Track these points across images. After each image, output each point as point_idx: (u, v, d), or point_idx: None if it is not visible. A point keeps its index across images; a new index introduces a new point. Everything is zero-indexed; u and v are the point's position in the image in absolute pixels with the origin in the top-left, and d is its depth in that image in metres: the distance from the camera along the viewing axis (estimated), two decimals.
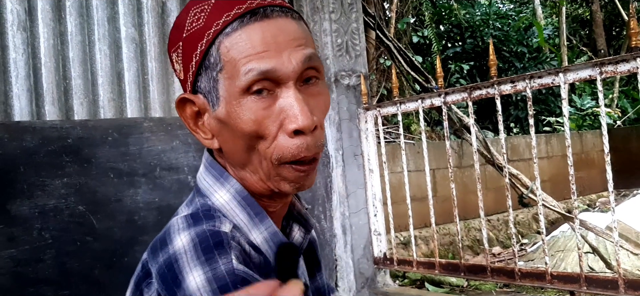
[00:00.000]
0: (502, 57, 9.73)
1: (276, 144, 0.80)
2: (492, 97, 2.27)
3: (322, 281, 1.07)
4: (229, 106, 0.80)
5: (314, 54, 0.82)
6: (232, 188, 0.85)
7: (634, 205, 4.90)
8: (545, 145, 6.90)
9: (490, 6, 10.95)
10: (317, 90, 0.83)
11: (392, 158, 4.82)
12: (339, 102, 2.68)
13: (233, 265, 0.72)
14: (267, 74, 0.78)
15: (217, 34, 0.80)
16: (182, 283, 0.72)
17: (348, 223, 2.62)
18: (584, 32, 14.19)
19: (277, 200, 0.88)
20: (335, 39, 2.69)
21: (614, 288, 1.90)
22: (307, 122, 0.78)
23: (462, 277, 2.46)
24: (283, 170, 0.81)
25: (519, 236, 5.73)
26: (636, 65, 1.85)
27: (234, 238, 0.77)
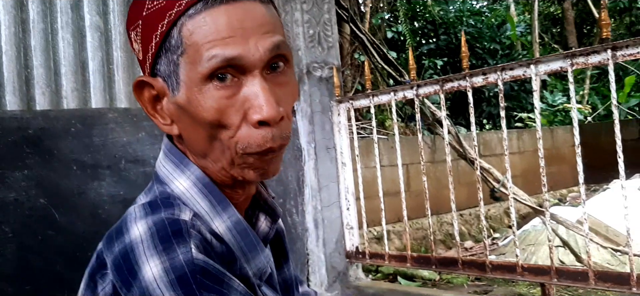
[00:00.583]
0: (475, 53, 9.81)
1: (239, 134, 0.76)
2: (465, 92, 2.25)
3: (290, 272, 1.04)
4: (189, 92, 0.76)
5: (282, 42, 0.78)
6: (192, 175, 0.81)
7: (603, 200, 4.98)
8: (516, 140, 6.97)
9: (464, 3, 11.04)
10: (285, 79, 0.80)
11: (366, 153, 4.81)
12: (311, 94, 2.64)
13: (192, 255, 0.69)
14: (231, 61, 0.74)
15: (179, 14, 0.75)
16: (138, 274, 0.68)
17: (320, 217, 2.59)
18: (556, 30, 14.41)
19: (240, 190, 0.84)
20: (307, 29, 2.65)
21: (584, 280, 1.90)
22: (273, 113, 0.74)
23: (434, 270, 2.45)
24: (246, 160, 0.78)
25: (491, 230, 5.78)
26: (607, 57, 1.85)
27: (194, 226, 0.74)
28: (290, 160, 2.58)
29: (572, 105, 1.98)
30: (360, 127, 6.05)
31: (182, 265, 0.68)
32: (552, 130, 7.88)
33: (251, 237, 0.83)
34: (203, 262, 0.69)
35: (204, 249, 0.71)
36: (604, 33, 1.89)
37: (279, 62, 0.78)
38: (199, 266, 0.68)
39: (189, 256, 0.68)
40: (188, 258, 0.68)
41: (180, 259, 0.68)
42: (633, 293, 1.81)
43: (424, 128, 5.35)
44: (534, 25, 10.45)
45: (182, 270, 0.67)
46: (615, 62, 1.85)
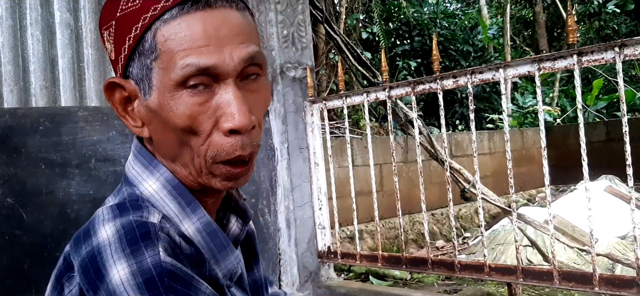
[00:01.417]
0: (448, 55, 9.93)
1: (210, 142, 0.76)
2: (437, 92, 2.28)
3: (260, 273, 1.04)
4: (161, 97, 0.76)
5: (257, 52, 0.78)
6: (161, 177, 0.81)
7: (571, 200, 5.10)
8: (488, 141, 7.08)
9: (437, 5, 11.16)
10: (258, 87, 0.80)
11: (340, 153, 4.83)
12: (285, 94, 2.65)
13: (160, 258, 0.69)
14: (206, 70, 0.74)
15: (154, 19, 0.75)
16: (105, 277, 0.68)
17: (292, 216, 2.60)
18: (527, 33, 14.66)
19: (210, 194, 0.85)
20: (281, 30, 2.66)
21: (549, 280, 1.95)
22: (245, 122, 0.75)
23: (404, 270, 2.48)
24: (216, 168, 0.78)
25: (462, 230, 5.86)
26: (573, 62, 1.90)
27: (162, 229, 0.73)
28: (263, 159, 2.58)
29: (539, 108, 2.02)
30: (335, 126, 6.08)
31: (150, 268, 0.68)
32: (522, 132, 8.02)
33: (221, 239, 0.83)
34: (171, 265, 0.69)
35: (173, 252, 0.71)
36: (570, 38, 1.93)
37: (253, 70, 0.79)
38: (167, 270, 0.68)
39: (156, 259, 0.68)
40: (156, 261, 0.68)
41: (147, 262, 0.68)
42: (596, 292, 1.86)
43: (397, 128, 5.40)
44: (505, 28, 10.62)
45: (149, 273, 0.67)
46: (584, 66, 1.90)
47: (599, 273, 1.86)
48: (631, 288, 1.79)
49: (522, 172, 7.17)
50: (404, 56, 9.75)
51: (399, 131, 5.57)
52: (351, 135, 5.73)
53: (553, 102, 9.91)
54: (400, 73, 9.35)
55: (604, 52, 1.84)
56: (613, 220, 4.40)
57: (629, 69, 12.45)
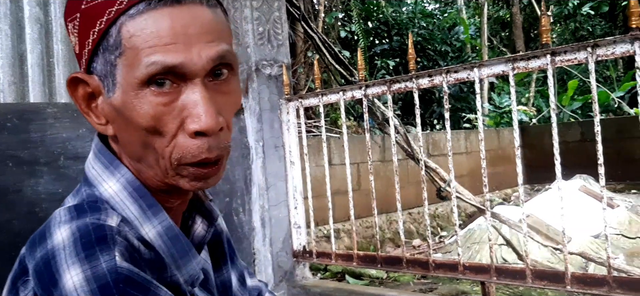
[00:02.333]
0: (427, 55, 9.99)
1: (175, 143, 0.74)
2: (413, 91, 2.28)
3: (229, 274, 1.02)
4: (125, 95, 0.73)
5: (227, 51, 0.76)
6: (122, 178, 0.78)
7: (545, 200, 5.16)
8: (464, 140, 7.13)
9: (416, 5, 11.22)
10: (228, 87, 0.77)
11: (317, 152, 4.82)
12: (260, 92, 2.63)
13: (116, 263, 0.67)
14: (172, 69, 0.71)
15: (119, 13, 0.72)
16: (59, 282, 0.66)
17: (267, 216, 2.58)
18: (505, 34, 14.82)
19: (176, 196, 0.82)
20: (256, 27, 2.63)
21: (522, 278, 1.96)
22: (211, 124, 0.72)
23: (379, 269, 2.47)
24: (183, 169, 0.75)
25: (439, 228, 5.89)
26: (546, 62, 1.91)
27: (120, 232, 0.71)
28: (237, 158, 2.55)
29: (513, 108, 2.03)
30: (313, 125, 6.06)
31: (105, 273, 0.65)
32: (499, 131, 8.10)
33: (183, 243, 0.80)
34: (127, 270, 0.67)
35: (130, 256, 0.69)
36: (544, 38, 1.94)
37: (223, 69, 0.76)
38: (123, 275, 0.66)
39: (112, 264, 0.66)
40: (111, 266, 0.66)
41: (102, 267, 0.66)
42: (568, 290, 1.87)
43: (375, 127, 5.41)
44: (483, 28, 10.72)
45: (104, 279, 0.65)
46: (559, 67, 1.91)
47: (572, 271, 1.87)
48: (602, 287, 1.81)
49: (498, 171, 7.24)
50: (383, 55, 9.78)
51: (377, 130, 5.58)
52: (329, 134, 5.72)
53: (529, 102, 10.03)
54: (379, 72, 9.37)
55: (577, 52, 1.86)
56: (587, 219, 4.47)
57: (603, 70, 12.66)
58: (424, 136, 6.48)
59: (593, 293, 1.85)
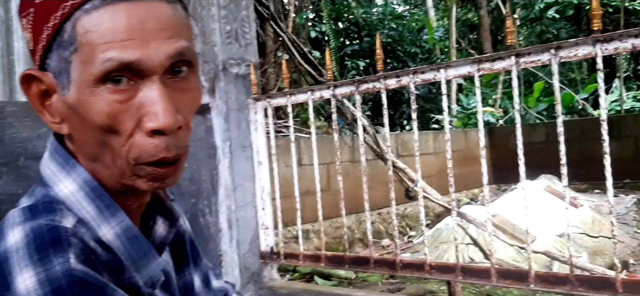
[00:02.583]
0: (396, 56, 10.07)
1: (132, 142, 0.71)
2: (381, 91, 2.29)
3: (191, 276, 1.00)
4: (80, 93, 0.71)
5: (187, 48, 0.73)
6: (79, 178, 0.76)
7: (511, 199, 5.23)
8: (433, 141, 7.20)
9: (386, 6, 11.30)
10: (187, 85, 0.75)
11: (286, 152, 4.79)
12: (227, 91, 2.59)
13: (70, 265, 0.64)
14: (129, 66, 0.69)
15: (74, 8, 0.69)
16: (11, 286, 0.63)
17: (234, 217, 2.55)
18: (473, 36, 15.02)
19: (133, 198, 0.80)
20: (223, 25, 2.60)
21: (486, 277, 1.98)
22: (169, 122, 0.70)
23: (347, 269, 2.47)
24: (140, 169, 0.73)
25: (407, 228, 5.94)
26: (511, 63, 1.94)
27: (75, 234, 0.69)
28: (204, 158, 2.52)
29: (478, 109, 2.05)
30: (283, 125, 6.04)
31: (59, 276, 0.63)
32: (466, 132, 8.20)
33: (142, 244, 0.78)
34: (82, 273, 0.65)
35: (86, 258, 0.67)
36: (509, 40, 1.97)
37: (182, 66, 0.74)
38: (78, 278, 0.64)
39: (66, 266, 0.64)
40: (66, 268, 0.64)
41: (56, 270, 0.64)
42: (531, 289, 1.90)
43: (345, 128, 5.41)
44: (451, 31, 10.85)
45: (58, 282, 0.63)
46: (525, 69, 1.94)
47: (535, 270, 1.90)
48: (565, 285, 1.83)
49: (466, 171, 7.33)
50: (353, 56, 9.81)
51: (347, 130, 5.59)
52: (298, 134, 5.71)
53: (496, 103, 10.19)
54: (350, 73, 9.40)
55: (541, 54, 1.88)
56: (552, 219, 4.55)
57: (568, 73, 12.94)
58: (393, 136, 6.52)
59: (556, 291, 1.89)
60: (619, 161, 7.29)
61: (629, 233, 5.25)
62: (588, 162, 6.34)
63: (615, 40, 1.74)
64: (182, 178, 2.21)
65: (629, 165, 7.12)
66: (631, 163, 7.12)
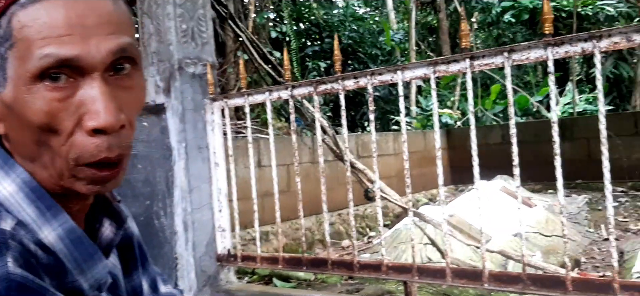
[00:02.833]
0: (357, 58, 10.13)
1: (72, 142, 0.69)
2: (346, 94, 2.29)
3: (139, 279, 0.97)
4: (17, 91, 0.68)
5: (129, 44, 0.71)
6: (18, 178, 0.72)
7: (469, 199, 5.32)
8: (393, 142, 7.26)
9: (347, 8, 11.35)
10: (130, 82, 0.73)
11: (246, 153, 4.75)
12: (183, 91, 2.55)
13: (8, 269, 0.62)
14: (67, 62, 0.66)
15: (10, 3, 0.67)
16: None
17: (190, 219, 2.50)
18: (432, 39, 15.24)
19: (74, 201, 0.77)
20: (179, 24, 2.55)
21: (442, 277, 2.00)
22: (111, 121, 0.68)
23: (305, 271, 2.46)
24: (80, 171, 0.70)
25: (368, 229, 5.97)
26: (465, 66, 1.96)
27: (14, 236, 0.66)
28: (159, 160, 2.46)
29: (434, 111, 2.07)
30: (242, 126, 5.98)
31: None
32: (425, 133, 8.30)
33: (87, 246, 0.76)
34: (20, 277, 0.62)
35: (25, 262, 0.65)
36: (463, 43, 1.99)
37: (125, 63, 0.72)
38: (16, 282, 0.62)
39: (4, 270, 0.62)
40: (3, 272, 0.62)
41: None
42: (485, 288, 1.92)
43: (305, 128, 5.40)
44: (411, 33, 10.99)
45: None
46: (483, 72, 1.96)
47: (489, 269, 1.93)
48: (517, 284, 1.87)
49: (425, 172, 7.42)
50: (314, 57, 9.81)
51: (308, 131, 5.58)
52: (258, 135, 5.67)
53: (454, 105, 10.36)
54: (311, 73, 9.40)
55: (495, 57, 1.91)
56: (508, 218, 4.64)
57: (523, 76, 13.27)
58: (353, 138, 6.54)
59: (509, 290, 1.92)
60: (571, 162, 7.54)
61: (580, 232, 5.41)
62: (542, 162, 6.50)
63: (566, 44, 1.78)
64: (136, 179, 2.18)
65: (581, 166, 7.35)
66: (583, 164, 7.34)
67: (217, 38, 7.24)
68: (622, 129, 7.27)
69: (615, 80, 12.15)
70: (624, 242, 4.90)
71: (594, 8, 11.69)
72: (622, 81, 12.23)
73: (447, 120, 9.35)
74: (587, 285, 1.77)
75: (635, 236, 5.06)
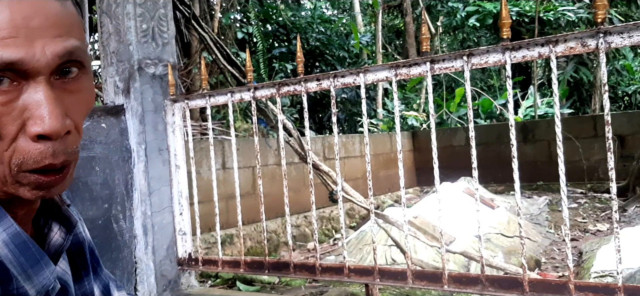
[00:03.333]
0: (325, 60, 10.14)
1: (15, 147, 0.66)
2: (312, 95, 2.27)
3: (90, 286, 0.94)
4: None
5: (77, 47, 0.69)
6: None
7: (433, 201, 5.38)
8: (360, 144, 7.29)
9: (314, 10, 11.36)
10: (78, 87, 0.71)
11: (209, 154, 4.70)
12: (143, 92, 2.50)
13: None
14: (11, 65, 0.64)
15: None
16: None
17: (150, 222, 2.45)
18: (399, 42, 15.38)
19: (19, 206, 0.74)
20: (139, 24, 2.50)
21: (403, 279, 2.00)
22: (56, 126, 0.65)
23: (267, 274, 2.44)
24: (24, 177, 0.68)
25: (333, 231, 5.97)
26: (426, 69, 1.97)
27: None
28: (117, 162, 2.41)
29: (395, 113, 2.08)
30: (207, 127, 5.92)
31: None
32: (391, 135, 8.36)
33: (33, 251, 0.73)
34: None
35: None
36: (424, 46, 2.00)
37: (72, 66, 0.70)
38: None
39: None
40: None
41: None
42: (445, 290, 1.94)
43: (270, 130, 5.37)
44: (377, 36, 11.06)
45: None
46: (447, 75, 1.98)
47: (449, 271, 1.94)
48: (476, 286, 1.89)
49: (391, 174, 7.47)
50: (281, 58, 9.78)
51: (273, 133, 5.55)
52: (223, 137, 5.61)
53: (420, 108, 10.47)
54: (277, 75, 9.36)
55: (454, 60, 1.93)
56: (471, 220, 4.71)
57: (487, 79, 13.51)
58: (320, 139, 6.54)
59: (468, 291, 1.93)
60: (533, 164, 7.71)
61: (541, 233, 5.52)
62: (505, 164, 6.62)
63: (523, 48, 1.81)
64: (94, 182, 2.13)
65: (543, 167, 7.51)
66: (544, 165, 7.50)
67: (183, 38, 7.15)
68: (582, 132, 7.46)
69: (575, 84, 12.48)
70: (583, 242, 5.02)
71: (556, 13, 11.98)
72: (582, 85, 12.57)
73: (413, 123, 9.44)
74: (544, 286, 1.80)
75: (594, 237, 5.19)
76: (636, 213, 5.61)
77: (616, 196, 1.74)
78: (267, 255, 2.32)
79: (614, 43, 1.67)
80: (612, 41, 1.67)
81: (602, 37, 1.67)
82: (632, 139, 7.23)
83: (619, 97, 12.90)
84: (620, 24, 1.68)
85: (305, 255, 4.96)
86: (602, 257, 3.92)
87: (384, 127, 9.39)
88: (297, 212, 5.75)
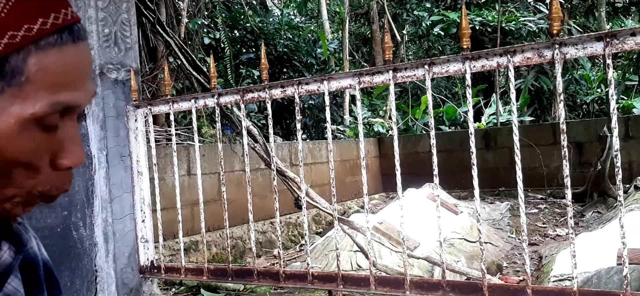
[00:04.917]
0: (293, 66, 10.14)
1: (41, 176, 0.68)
2: (280, 102, 2.27)
3: None
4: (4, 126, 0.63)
5: None
6: None
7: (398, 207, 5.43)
8: (326, 150, 7.31)
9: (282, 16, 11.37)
10: None
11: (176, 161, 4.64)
12: (105, 97, 2.46)
13: None
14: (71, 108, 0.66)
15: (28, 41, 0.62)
16: None
17: (111, 230, 2.41)
18: (366, 49, 15.50)
19: None
20: (101, 28, 2.46)
21: (366, 285, 2.02)
22: (83, 160, 0.69)
23: (231, 282, 2.42)
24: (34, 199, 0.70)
25: (300, 237, 5.97)
26: (389, 77, 2.00)
27: None
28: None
29: (359, 120, 2.10)
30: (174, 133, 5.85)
31: None
32: (358, 142, 8.42)
33: None
34: None
35: None
36: (386, 55, 2.03)
37: None
38: None
39: None
40: None
41: None
42: (407, 295, 1.96)
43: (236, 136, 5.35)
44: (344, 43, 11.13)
45: None
46: (412, 82, 2.01)
47: (410, 277, 1.97)
48: (437, 291, 1.91)
49: (358, 180, 7.52)
50: (249, 65, 9.74)
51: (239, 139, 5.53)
52: (189, 142, 5.55)
53: (386, 114, 10.56)
54: (244, 81, 9.32)
55: (416, 69, 1.96)
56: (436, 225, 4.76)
57: (452, 86, 13.72)
58: (286, 146, 6.54)
59: None
60: (495, 170, 7.87)
61: (503, 238, 5.63)
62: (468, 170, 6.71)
63: (482, 58, 1.85)
64: None
65: (504, 173, 7.66)
66: (506, 171, 7.66)
67: (149, 43, 7.06)
68: (542, 139, 7.64)
69: (536, 93, 12.78)
70: (543, 247, 5.13)
71: (517, 24, 12.27)
72: (543, 93, 12.88)
73: (379, 129, 9.52)
74: (503, 291, 1.84)
75: (554, 242, 5.32)
76: (594, 218, 5.77)
77: (574, 202, 1.79)
78: (232, 262, 2.31)
79: (569, 54, 1.73)
80: (567, 52, 1.73)
81: (558, 48, 1.73)
82: (590, 146, 7.45)
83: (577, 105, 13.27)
84: (575, 36, 1.74)
85: (271, 261, 4.95)
86: (561, 261, 4.01)
87: (350, 133, 9.45)
88: (263, 218, 5.73)
